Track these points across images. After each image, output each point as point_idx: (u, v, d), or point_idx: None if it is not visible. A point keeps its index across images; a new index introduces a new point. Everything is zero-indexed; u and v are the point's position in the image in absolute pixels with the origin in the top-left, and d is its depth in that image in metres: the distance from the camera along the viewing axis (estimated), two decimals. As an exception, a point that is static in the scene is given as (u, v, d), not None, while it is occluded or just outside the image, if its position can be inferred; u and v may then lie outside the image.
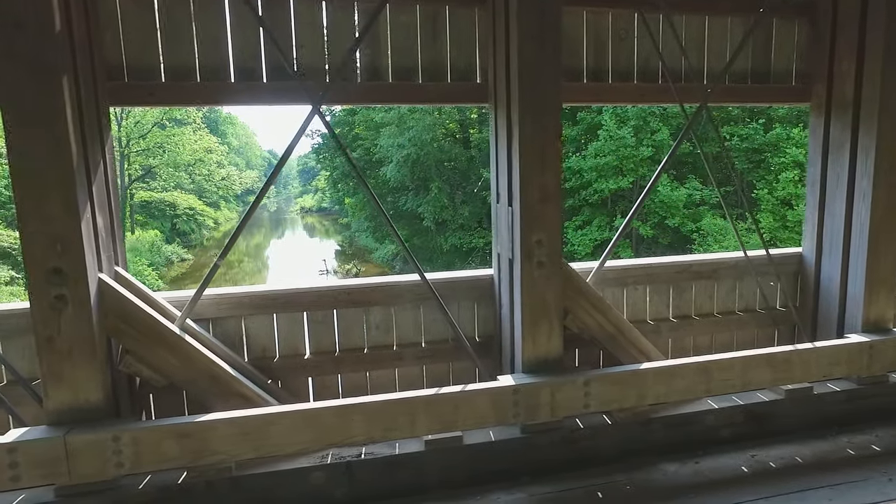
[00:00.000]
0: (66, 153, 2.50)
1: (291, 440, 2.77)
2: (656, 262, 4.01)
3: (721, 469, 3.21)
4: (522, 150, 3.02)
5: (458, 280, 3.62)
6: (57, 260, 2.55)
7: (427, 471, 3.04)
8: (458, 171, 25.51)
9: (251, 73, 3.14)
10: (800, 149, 17.55)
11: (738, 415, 3.48)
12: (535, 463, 3.16)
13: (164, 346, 2.84)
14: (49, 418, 2.67)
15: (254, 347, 3.36)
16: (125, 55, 2.99)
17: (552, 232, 3.12)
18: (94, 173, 2.78)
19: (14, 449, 2.48)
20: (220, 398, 2.93)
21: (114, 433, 2.59)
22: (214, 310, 3.25)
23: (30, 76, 2.43)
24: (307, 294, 3.40)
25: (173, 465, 2.70)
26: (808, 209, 4.17)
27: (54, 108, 2.47)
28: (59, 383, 2.64)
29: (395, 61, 3.33)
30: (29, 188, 2.48)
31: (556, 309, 3.19)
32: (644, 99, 3.80)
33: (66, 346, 2.61)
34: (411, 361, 3.57)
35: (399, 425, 2.89)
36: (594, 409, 3.16)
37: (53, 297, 2.57)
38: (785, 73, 4.01)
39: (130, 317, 2.79)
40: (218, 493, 2.81)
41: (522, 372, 3.21)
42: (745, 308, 4.20)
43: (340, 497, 2.94)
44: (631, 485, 3.09)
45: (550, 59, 2.99)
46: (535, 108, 3.01)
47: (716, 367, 3.31)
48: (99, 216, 2.79)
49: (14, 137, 2.45)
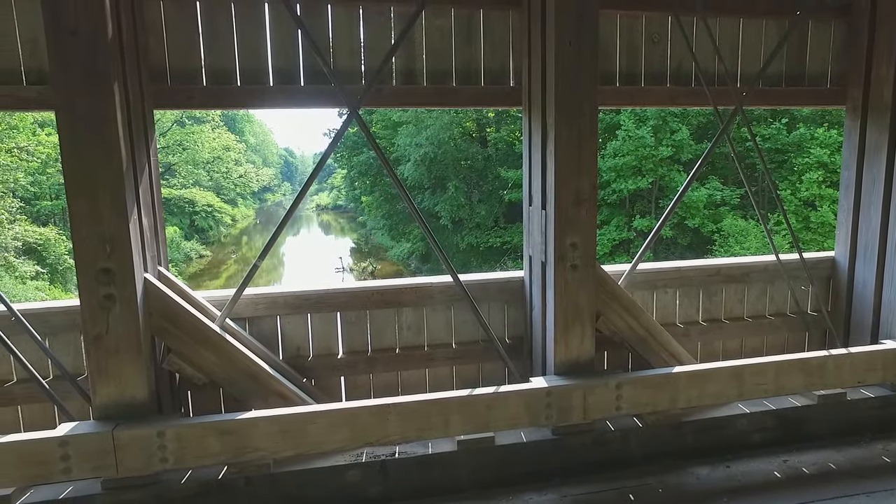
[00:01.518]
0: (116, 156, 2.58)
1: (329, 438, 2.82)
2: (686, 266, 4.00)
3: (753, 473, 3.20)
4: (558, 154, 3.03)
5: (488, 281, 3.64)
6: (106, 260, 2.63)
7: (459, 470, 3.08)
8: (474, 170, 25.49)
9: (289, 76, 3.19)
10: (824, 149, 17.28)
11: (770, 419, 3.47)
12: (567, 465, 3.18)
13: (206, 346, 2.91)
14: (96, 413, 2.75)
15: (289, 347, 3.42)
16: (168, 59, 3.06)
17: (586, 235, 3.13)
18: (141, 175, 2.85)
19: (66, 442, 2.57)
20: (258, 397, 3.00)
21: (158, 429, 2.66)
22: (251, 309, 3.31)
23: (83, 82, 2.50)
24: (340, 294, 3.45)
25: (215, 461, 2.77)
26: (842, 213, 4.12)
27: (105, 113, 2.54)
28: (106, 380, 2.72)
29: (429, 64, 3.36)
30: (81, 190, 2.56)
31: (589, 312, 3.21)
32: (677, 102, 3.79)
33: (113, 343, 2.69)
34: (442, 362, 3.61)
35: (433, 425, 2.92)
36: (626, 411, 3.17)
37: (102, 297, 2.65)
38: (819, 75, 3.97)
39: (174, 316, 2.86)
40: (257, 489, 2.87)
41: (554, 374, 3.23)
42: (776, 312, 4.17)
43: (374, 495, 2.99)
44: (662, 487, 3.09)
45: (587, 63, 3.00)
46: (571, 112, 3.02)
47: (749, 372, 3.30)
48: (144, 217, 2.87)
49: (68, 141, 2.52)
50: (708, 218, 17.92)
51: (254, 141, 75.08)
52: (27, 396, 3.13)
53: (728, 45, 3.79)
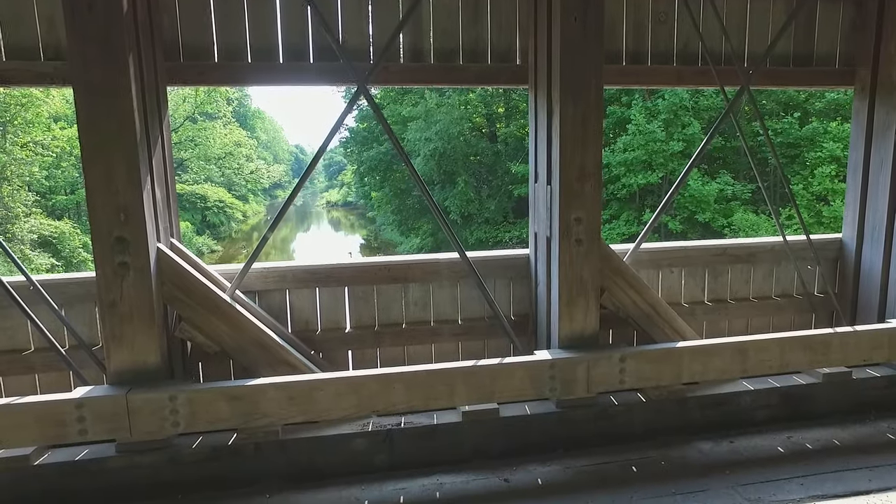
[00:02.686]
0: (131, 128, 2.65)
1: (336, 406, 2.88)
2: (692, 245, 4.02)
3: (756, 448, 3.22)
4: (563, 129, 3.07)
5: (494, 259, 3.69)
6: (121, 229, 2.70)
7: (464, 441, 3.13)
8: (484, 165, 25.46)
9: (299, 53, 3.25)
10: (837, 143, 17.08)
11: (774, 397, 3.48)
12: (570, 437, 3.22)
13: (216, 315, 2.98)
14: (111, 378, 2.83)
15: (297, 320, 3.49)
16: (181, 37, 3.13)
17: (591, 210, 3.16)
18: (154, 148, 2.92)
19: (82, 404, 2.65)
20: (267, 366, 3.06)
21: (170, 393, 2.74)
22: (261, 283, 3.38)
23: (99, 55, 2.57)
24: (348, 269, 3.51)
25: (225, 425, 2.84)
26: (849, 194, 4.12)
27: (121, 85, 2.61)
28: (120, 345, 2.79)
29: (436, 43, 3.40)
30: (97, 161, 2.63)
31: (593, 286, 3.24)
32: (683, 82, 3.80)
33: (127, 310, 2.77)
34: (448, 338, 3.66)
35: (438, 395, 2.97)
36: (630, 385, 3.20)
37: (117, 264, 2.72)
38: (828, 55, 3.96)
39: (186, 285, 2.93)
40: (266, 455, 2.94)
41: (558, 347, 3.27)
42: (782, 293, 4.17)
43: (380, 463, 3.04)
44: (665, 461, 3.12)
45: (592, 39, 3.02)
46: (577, 88, 3.05)
47: (753, 348, 3.32)
48: (157, 189, 2.94)
49: (84, 113, 2.60)
50: (718, 212, 17.79)
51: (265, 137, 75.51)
52: (44, 365, 3.22)
53: (735, 25, 3.79)
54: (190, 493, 2.85)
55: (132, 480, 2.81)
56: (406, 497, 2.83)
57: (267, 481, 2.92)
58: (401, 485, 2.93)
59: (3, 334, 3.20)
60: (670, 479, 2.95)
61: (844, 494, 2.77)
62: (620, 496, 2.81)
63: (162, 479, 2.84)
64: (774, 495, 2.79)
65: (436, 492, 2.87)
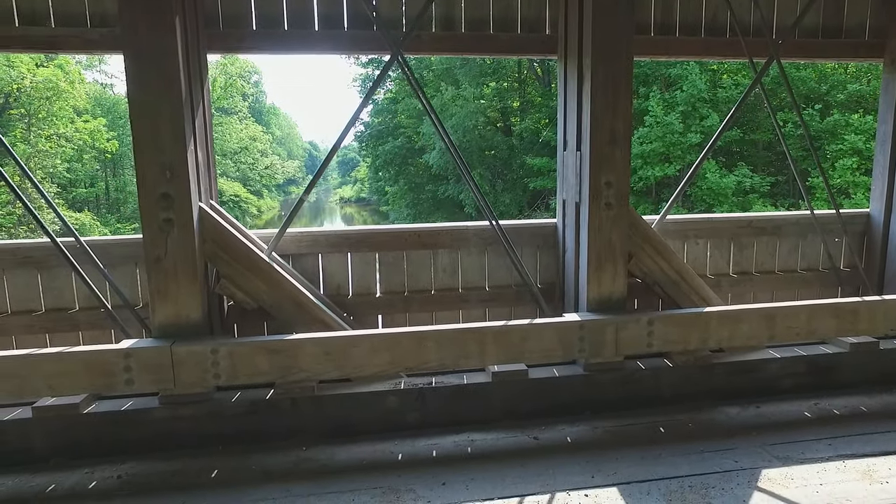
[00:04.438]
0: (177, 88, 2.74)
1: (370, 362, 2.96)
2: (718, 217, 4.05)
3: (783, 413, 3.25)
4: (594, 95, 3.11)
5: (522, 227, 3.74)
6: (166, 186, 2.80)
7: (493, 400, 3.19)
8: (499, 159, 25.47)
9: (333, 21, 3.33)
10: (859, 135, 16.84)
11: (801, 365, 3.50)
12: (597, 400, 3.27)
13: (255, 272, 3.07)
14: (155, 332, 2.94)
15: (329, 284, 3.57)
16: (221, 4, 3.22)
17: (620, 175, 3.21)
18: (196, 111, 3.02)
19: (129, 354, 2.75)
20: (302, 324, 3.15)
21: (212, 346, 2.83)
22: (295, 247, 3.47)
23: (147, 18, 2.67)
24: (380, 234, 3.59)
25: (264, 379, 2.94)
26: (877, 168, 4.11)
27: (167, 47, 2.71)
28: (164, 300, 2.90)
29: (468, 12, 3.46)
30: (144, 119, 2.74)
31: (622, 250, 3.28)
32: (710, 53, 3.82)
33: (171, 265, 2.87)
34: (475, 304, 3.72)
35: (469, 353, 3.04)
36: (657, 348, 3.24)
37: (162, 220, 2.83)
38: (857, 28, 3.96)
39: (226, 243, 3.03)
40: (301, 410, 3.03)
41: (587, 311, 3.32)
42: (808, 267, 4.18)
43: (412, 421, 3.12)
44: (692, 423, 3.16)
45: (623, 6, 3.06)
46: (607, 54, 3.09)
47: (781, 314, 3.34)
48: (199, 150, 3.03)
49: (132, 73, 2.70)
50: (737, 205, 17.63)
51: (279, 133, 76.00)
52: (88, 323, 3.34)
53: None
54: (230, 445, 2.95)
55: (174, 431, 2.92)
56: (439, 452, 2.91)
57: (303, 436, 3.01)
58: (433, 441, 3.00)
59: (50, 293, 3.33)
60: (697, 439, 2.99)
61: (874, 454, 2.79)
62: (649, 453, 2.86)
63: (203, 431, 2.94)
64: (803, 453, 2.82)
65: (467, 447, 2.94)
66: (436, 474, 2.70)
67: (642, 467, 2.73)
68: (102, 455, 2.85)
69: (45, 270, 3.30)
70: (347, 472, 2.74)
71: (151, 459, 2.84)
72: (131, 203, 30.13)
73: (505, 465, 2.78)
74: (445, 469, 2.75)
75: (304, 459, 2.86)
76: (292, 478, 2.69)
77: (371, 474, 2.72)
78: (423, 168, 27.41)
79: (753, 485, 2.56)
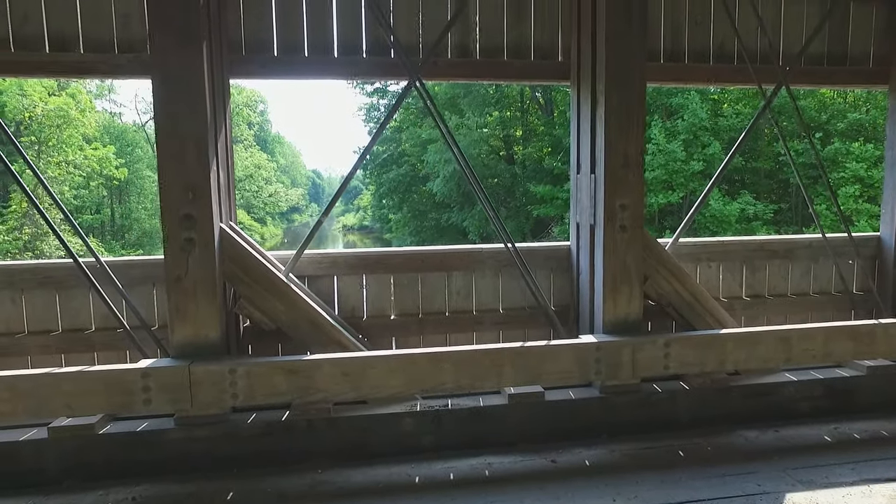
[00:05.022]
0: (202, 110, 2.81)
1: (387, 383, 2.95)
2: (730, 240, 4.07)
3: (802, 437, 3.21)
4: (608, 118, 3.18)
5: (535, 249, 3.77)
6: (189, 206, 2.85)
7: (509, 423, 3.17)
8: (502, 186, 25.69)
9: (353, 48, 3.42)
10: (860, 163, 16.99)
11: (818, 388, 3.48)
12: (614, 423, 3.24)
13: (273, 293, 3.09)
14: (173, 352, 2.94)
15: (344, 307, 3.58)
16: (244, 31, 3.32)
17: (635, 197, 3.25)
18: (219, 133, 3.08)
19: (147, 374, 2.75)
20: (319, 345, 3.15)
21: (230, 366, 2.83)
22: (312, 268, 3.49)
23: (176, 42, 2.76)
24: (396, 256, 3.61)
25: (281, 399, 2.92)
26: (887, 191, 4.15)
27: (195, 70, 2.79)
28: (183, 320, 2.91)
29: (482, 40, 3.56)
30: (170, 139, 2.80)
31: (637, 272, 3.30)
32: (719, 79, 3.91)
33: (191, 285, 2.89)
34: (489, 327, 3.72)
35: (487, 375, 3.03)
36: (674, 370, 3.23)
37: (184, 240, 2.86)
38: (861, 55, 4.05)
39: (245, 264, 3.06)
40: (317, 432, 3.01)
41: (603, 332, 3.32)
42: (821, 290, 4.18)
43: (428, 444, 3.09)
44: (711, 446, 3.13)
45: (636, 32, 3.16)
46: (621, 79, 3.17)
47: (797, 336, 3.33)
48: (220, 172, 3.09)
49: (160, 95, 2.78)
50: (740, 232, 17.67)
51: (283, 162, 76.86)
52: (103, 344, 3.35)
53: (770, 26, 3.90)
54: (245, 468, 2.91)
55: (189, 453, 2.89)
56: (455, 475, 2.87)
57: (318, 458, 2.98)
58: (449, 463, 2.97)
59: (67, 314, 3.34)
60: (717, 462, 2.96)
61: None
62: (668, 477, 2.82)
63: (218, 453, 2.92)
64: (826, 478, 2.78)
65: (484, 470, 2.91)
66: (454, 497, 2.67)
67: (663, 490, 2.69)
68: (116, 477, 2.82)
69: (63, 291, 3.32)
70: (364, 494, 2.71)
71: (166, 482, 2.80)
72: (136, 230, 30.36)
73: (523, 488, 2.74)
74: (463, 492, 2.72)
75: (319, 482, 2.82)
76: (308, 500, 2.66)
77: (388, 497, 2.68)
78: (426, 196, 27.63)
79: None
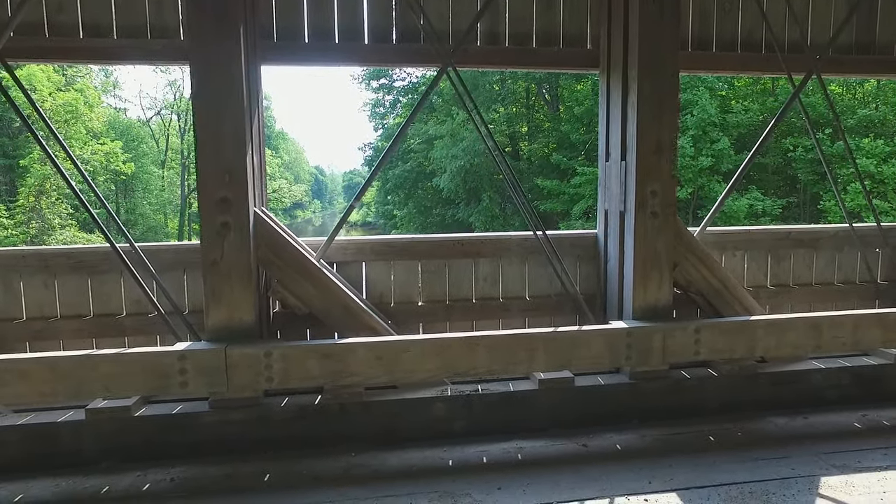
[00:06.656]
0: (239, 93, 2.83)
1: (421, 367, 2.96)
2: (756, 229, 4.08)
3: (832, 423, 3.22)
4: (640, 105, 3.18)
5: (562, 237, 3.77)
6: (225, 190, 2.86)
7: (540, 408, 3.18)
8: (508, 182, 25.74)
9: (382, 35, 3.43)
10: (870, 159, 16.92)
11: (846, 376, 3.48)
12: (643, 409, 3.26)
13: (306, 277, 3.10)
14: (208, 335, 2.96)
15: (372, 292, 3.60)
16: (275, 18, 3.32)
17: (666, 183, 3.25)
18: (253, 119, 3.09)
19: (184, 356, 2.77)
20: (351, 329, 3.17)
21: (266, 349, 2.85)
22: (341, 254, 3.51)
23: (214, 26, 2.77)
24: (423, 243, 3.62)
25: (314, 383, 2.94)
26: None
27: (232, 55, 2.80)
28: (219, 303, 2.93)
29: (511, 28, 3.56)
30: (208, 122, 2.81)
31: (667, 259, 3.30)
32: (747, 68, 3.90)
33: (227, 269, 2.91)
34: (516, 314, 3.73)
35: (519, 359, 3.04)
36: (704, 356, 3.23)
37: (220, 224, 2.88)
38: (889, 44, 4.04)
39: (279, 248, 3.07)
40: (350, 416, 3.03)
41: (632, 319, 3.33)
42: (845, 279, 4.18)
43: (459, 428, 3.11)
44: (742, 432, 3.14)
45: (669, 20, 3.15)
46: (654, 66, 3.17)
47: (827, 324, 3.33)
48: (255, 157, 3.10)
49: (199, 79, 2.79)
50: (748, 229, 17.70)
51: (287, 158, 76.90)
52: (134, 329, 3.37)
53: (798, 17, 3.89)
54: (279, 450, 2.94)
55: (224, 436, 2.92)
56: (489, 458, 2.89)
57: (351, 441, 3.00)
58: (482, 447, 2.99)
59: (99, 298, 3.36)
60: (749, 447, 2.97)
61: None
62: (702, 460, 2.83)
63: (252, 436, 2.94)
64: (859, 462, 2.79)
65: (517, 454, 2.92)
66: (490, 480, 2.68)
67: (697, 473, 2.70)
68: (152, 458, 2.85)
69: (95, 275, 3.34)
70: (400, 477, 2.73)
71: (202, 463, 2.83)
72: (140, 225, 30.42)
73: (558, 471, 2.76)
74: (498, 475, 2.73)
75: (354, 465, 2.84)
76: (344, 482, 2.68)
77: (424, 479, 2.70)
78: (432, 191, 27.63)
79: (815, 492, 2.53)
